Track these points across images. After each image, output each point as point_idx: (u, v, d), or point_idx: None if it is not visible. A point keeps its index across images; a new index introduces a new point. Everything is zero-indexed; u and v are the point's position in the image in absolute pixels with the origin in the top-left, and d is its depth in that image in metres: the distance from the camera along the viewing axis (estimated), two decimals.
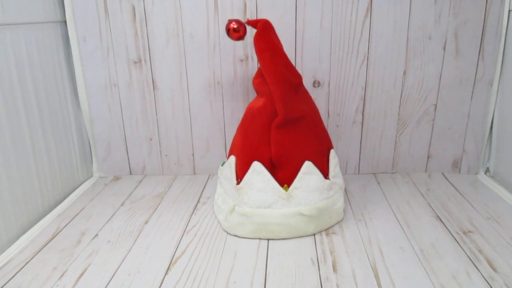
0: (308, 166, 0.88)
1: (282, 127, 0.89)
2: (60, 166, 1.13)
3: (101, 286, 0.76)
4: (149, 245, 0.89)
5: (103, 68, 1.17)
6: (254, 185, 0.88)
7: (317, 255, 0.84)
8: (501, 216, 0.98)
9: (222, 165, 1.00)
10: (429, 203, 1.05)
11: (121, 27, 1.13)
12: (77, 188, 1.20)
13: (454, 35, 1.10)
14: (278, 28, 1.10)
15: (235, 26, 0.89)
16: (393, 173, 1.25)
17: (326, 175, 0.92)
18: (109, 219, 1.01)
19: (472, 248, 0.85)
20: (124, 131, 1.23)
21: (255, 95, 1.17)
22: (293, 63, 1.14)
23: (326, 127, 1.12)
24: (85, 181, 1.25)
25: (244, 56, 1.14)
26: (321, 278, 0.77)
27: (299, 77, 0.93)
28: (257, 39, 0.88)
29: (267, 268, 0.80)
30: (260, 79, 0.95)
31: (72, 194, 1.16)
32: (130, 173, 1.29)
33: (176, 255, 0.85)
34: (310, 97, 0.98)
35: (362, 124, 1.20)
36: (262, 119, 0.90)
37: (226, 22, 0.91)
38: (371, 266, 0.80)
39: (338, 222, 0.96)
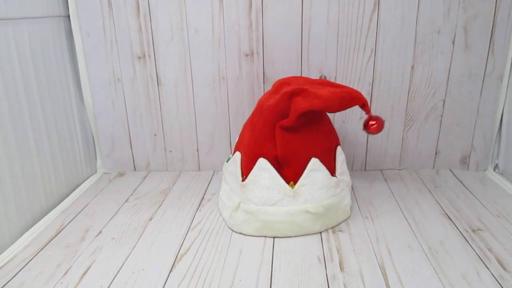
0: (314, 163, 0.87)
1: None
2: (64, 162, 1.12)
3: (105, 284, 0.75)
4: (154, 242, 0.88)
5: (106, 63, 1.16)
6: (260, 182, 0.87)
7: (323, 253, 0.83)
8: (511, 214, 0.96)
9: (227, 161, 0.99)
10: (437, 200, 1.04)
11: (125, 22, 1.12)
12: (81, 184, 1.20)
13: (464, 29, 1.08)
14: (284, 23, 1.09)
15: (373, 123, 0.91)
16: (400, 169, 1.23)
17: (332, 172, 0.91)
18: (113, 216, 1.00)
19: (481, 246, 0.84)
20: (128, 127, 1.22)
21: (261, 90, 1.16)
22: (299, 58, 1.12)
23: (332, 123, 1.11)
24: (89, 177, 1.25)
25: (249, 51, 1.13)
26: (328, 277, 0.76)
27: None
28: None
29: (273, 266, 0.79)
30: (285, 81, 0.93)
31: (76, 190, 1.15)
32: (134, 169, 1.28)
33: (181, 252, 0.84)
34: None
35: None
36: (270, 117, 0.89)
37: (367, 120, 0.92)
38: (379, 265, 0.79)
39: (344, 220, 0.95)
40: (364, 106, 0.88)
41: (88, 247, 0.87)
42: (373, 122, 0.90)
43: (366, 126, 0.91)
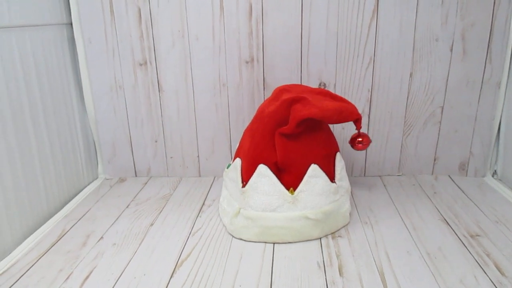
0: (314, 170, 0.88)
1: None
2: (66, 168, 1.13)
3: None
4: (155, 248, 0.89)
5: (108, 70, 1.17)
6: (260, 188, 0.88)
7: (323, 258, 0.84)
8: (509, 220, 0.97)
9: (227, 167, 0.99)
10: (435, 206, 1.04)
11: (127, 29, 1.13)
12: (82, 190, 1.21)
13: (461, 37, 1.09)
14: (284, 30, 1.10)
15: (360, 139, 0.95)
16: (400, 175, 1.24)
17: (332, 178, 0.92)
18: (114, 221, 1.01)
19: (479, 252, 0.84)
20: (130, 133, 1.23)
21: (261, 97, 1.17)
22: (299, 65, 1.13)
23: (332, 129, 1.12)
24: (90, 183, 1.26)
25: (249, 58, 1.14)
26: (327, 282, 0.76)
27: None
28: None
29: (273, 272, 0.80)
30: (285, 88, 0.95)
31: (77, 196, 1.16)
32: (136, 175, 1.29)
33: (182, 258, 0.85)
34: None
35: (368, 126, 1.19)
36: (270, 123, 0.90)
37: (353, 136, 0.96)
38: (378, 270, 0.79)
39: (344, 226, 0.96)
40: (358, 121, 0.91)
41: (90, 253, 0.88)
42: (360, 139, 0.95)
43: (352, 142, 0.96)
